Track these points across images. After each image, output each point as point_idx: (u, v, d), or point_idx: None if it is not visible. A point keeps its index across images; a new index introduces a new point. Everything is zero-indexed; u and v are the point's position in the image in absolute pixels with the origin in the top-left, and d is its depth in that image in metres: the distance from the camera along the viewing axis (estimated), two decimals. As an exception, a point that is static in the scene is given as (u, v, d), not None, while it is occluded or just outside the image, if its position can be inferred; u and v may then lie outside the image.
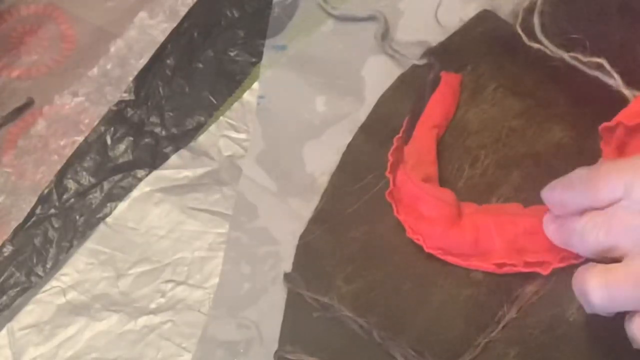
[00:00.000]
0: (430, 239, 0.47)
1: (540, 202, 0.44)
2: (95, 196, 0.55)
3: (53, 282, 0.52)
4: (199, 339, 0.49)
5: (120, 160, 0.56)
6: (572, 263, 0.44)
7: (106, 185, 0.55)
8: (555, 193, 0.42)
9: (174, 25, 0.61)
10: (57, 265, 0.52)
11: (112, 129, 0.57)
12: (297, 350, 0.46)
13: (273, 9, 0.60)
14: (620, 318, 0.41)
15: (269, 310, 0.48)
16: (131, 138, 0.57)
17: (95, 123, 0.58)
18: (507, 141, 0.50)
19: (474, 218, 0.46)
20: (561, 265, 0.44)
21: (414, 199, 0.48)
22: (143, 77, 0.59)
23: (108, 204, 0.54)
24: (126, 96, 0.58)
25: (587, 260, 0.41)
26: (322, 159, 0.53)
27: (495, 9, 0.55)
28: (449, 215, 0.46)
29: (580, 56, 0.49)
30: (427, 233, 0.47)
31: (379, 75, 0.56)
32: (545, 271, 0.44)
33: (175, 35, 0.60)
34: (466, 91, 0.53)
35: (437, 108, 0.52)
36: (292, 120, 0.55)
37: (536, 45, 0.50)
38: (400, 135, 0.52)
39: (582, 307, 0.43)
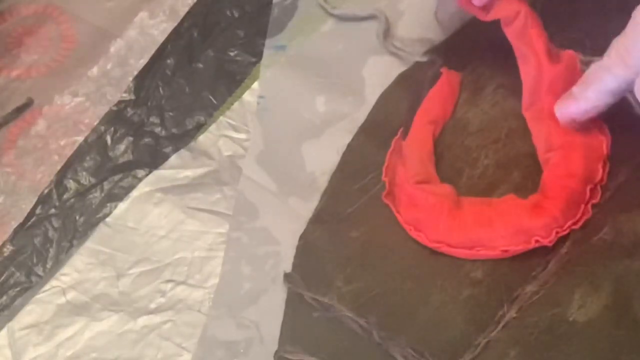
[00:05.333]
0: (433, 234, 0.47)
1: None
2: (95, 196, 0.55)
3: (53, 282, 0.52)
4: (199, 339, 0.49)
5: (120, 160, 0.56)
6: (573, 228, 0.45)
7: (106, 185, 0.55)
8: None
9: (174, 25, 0.61)
10: (57, 265, 0.52)
11: (112, 129, 0.57)
12: (297, 350, 0.46)
13: (273, 9, 0.60)
14: (619, 315, 0.41)
15: (269, 310, 0.48)
16: (131, 138, 0.57)
17: (95, 123, 0.58)
18: (507, 141, 0.50)
19: (473, 208, 0.47)
20: (564, 233, 0.45)
21: (412, 197, 0.48)
22: (143, 77, 0.59)
23: (108, 204, 0.54)
24: (126, 96, 0.58)
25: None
26: (322, 159, 0.53)
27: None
28: (448, 208, 0.47)
29: (580, 56, 0.49)
30: (429, 228, 0.47)
31: (379, 75, 0.56)
32: (549, 243, 0.44)
33: (175, 35, 0.60)
34: (466, 91, 0.53)
35: (434, 103, 0.52)
36: (292, 120, 0.55)
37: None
38: (398, 136, 0.52)
39: (582, 307, 0.43)
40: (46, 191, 0.55)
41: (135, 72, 0.59)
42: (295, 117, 0.55)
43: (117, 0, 0.63)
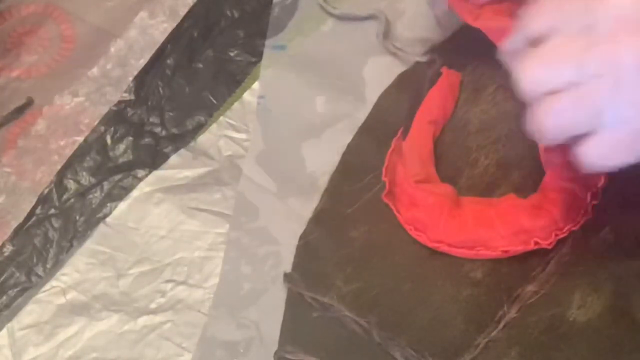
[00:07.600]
0: (433, 233, 0.47)
1: None
2: (95, 196, 0.55)
3: (53, 282, 0.52)
4: (199, 339, 0.49)
5: (120, 160, 0.56)
6: (572, 229, 0.45)
7: (106, 185, 0.55)
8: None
9: (174, 25, 0.61)
10: (57, 265, 0.52)
11: (112, 129, 0.57)
12: (297, 350, 0.46)
13: (273, 9, 0.60)
14: (619, 315, 0.41)
15: (269, 310, 0.48)
16: (131, 138, 0.57)
17: (95, 123, 0.58)
18: (507, 141, 0.50)
19: (473, 208, 0.47)
20: (563, 235, 0.45)
21: (412, 197, 0.48)
22: (143, 77, 0.59)
23: (108, 204, 0.54)
24: (126, 96, 0.58)
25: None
26: (322, 159, 0.53)
27: (495, 9, 0.55)
28: (448, 208, 0.47)
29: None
30: (429, 228, 0.47)
31: (379, 75, 0.56)
32: (549, 245, 0.44)
33: (175, 35, 0.60)
34: (466, 91, 0.53)
35: (434, 103, 0.52)
36: (292, 120, 0.55)
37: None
38: (398, 136, 0.52)
39: (582, 307, 0.43)
40: (46, 191, 0.55)
41: (135, 72, 0.59)
42: (295, 117, 0.55)
43: (117, 0, 0.63)
